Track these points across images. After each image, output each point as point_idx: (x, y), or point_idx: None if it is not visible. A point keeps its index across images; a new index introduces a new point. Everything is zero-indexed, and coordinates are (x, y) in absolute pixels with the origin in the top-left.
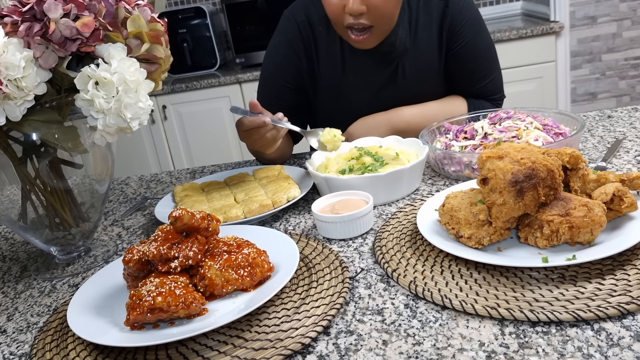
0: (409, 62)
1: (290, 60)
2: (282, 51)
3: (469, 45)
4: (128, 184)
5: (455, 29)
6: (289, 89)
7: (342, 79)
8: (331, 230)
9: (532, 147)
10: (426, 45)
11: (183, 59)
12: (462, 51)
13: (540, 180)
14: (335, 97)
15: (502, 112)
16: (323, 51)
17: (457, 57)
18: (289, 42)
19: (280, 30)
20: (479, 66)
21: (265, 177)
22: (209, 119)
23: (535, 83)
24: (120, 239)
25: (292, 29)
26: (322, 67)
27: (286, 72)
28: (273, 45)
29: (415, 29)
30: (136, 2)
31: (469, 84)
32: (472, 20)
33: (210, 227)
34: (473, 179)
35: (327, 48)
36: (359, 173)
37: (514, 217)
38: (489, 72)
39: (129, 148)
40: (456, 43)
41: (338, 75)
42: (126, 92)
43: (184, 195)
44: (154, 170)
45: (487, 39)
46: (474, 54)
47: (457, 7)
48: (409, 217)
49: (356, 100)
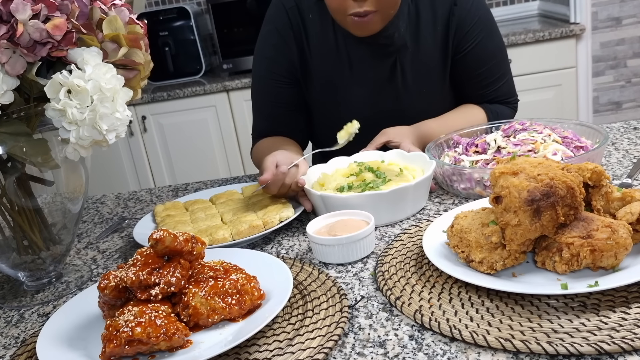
0: (408, 59)
1: (281, 50)
2: (272, 41)
3: (479, 48)
4: (104, 203)
5: (464, 30)
6: (286, 83)
7: (336, 73)
8: (328, 254)
9: (550, 162)
10: (429, 44)
11: (164, 65)
12: (471, 54)
13: (559, 199)
14: (330, 93)
15: (517, 123)
16: (315, 41)
17: (465, 60)
18: (278, 31)
19: (268, 19)
20: (489, 69)
21: (256, 195)
22: (193, 130)
23: (553, 91)
24: (95, 263)
25: (280, 16)
26: (314, 59)
27: (279, 64)
28: (262, 37)
29: (417, 25)
30: (113, 2)
31: (480, 88)
32: (483, 20)
33: (194, 251)
34: (485, 197)
35: (319, 38)
36: (358, 191)
37: (530, 239)
38: (501, 76)
39: (105, 163)
40: (465, 45)
41: (331, 68)
42: (102, 101)
43: (166, 215)
44: (133, 187)
45: (498, 41)
46: (485, 56)
47: (466, 7)
48: (414, 240)
49: (352, 98)
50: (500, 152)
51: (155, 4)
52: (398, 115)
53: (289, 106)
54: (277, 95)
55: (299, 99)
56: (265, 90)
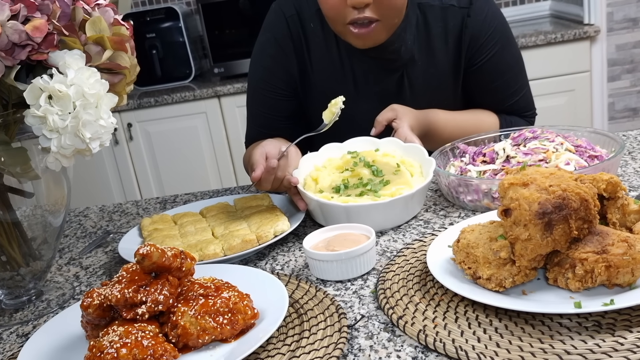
0: (416, 74)
1: (280, 62)
2: (270, 51)
3: (495, 60)
4: (87, 216)
5: (479, 41)
6: (283, 95)
7: (339, 87)
8: (326, 270)
9: (563, 173)
10: (439, 57)
11: (152, 69)
12: (486, 66)
13: (572, 212)
14: None
15: (528, 131)
16: (317, 53)
17: (480, 73)
18: (277, 41)
19: (266, 27)
20: (506, 82)
21: (249, 207)
22: (183, 139)
23: (566, 97)
24: (78, 280)
25: (279, 25)
26: (315, 72)
27: (277, 76)
28: (259, 45)
29: (426, 37)
30: (96, 2)
31: (495, 101)
32: (499, 31)
33: (183, 267)
34: (493, 209)
35: (321, 50)
36: (355, 191)
37: (541, 254)
38: (518, 89)
39: (88, 174)
40: (479, 57)
41: (334, 83)
42: (85, 107)
43: (153, 229)
44: (118, 199)
45: (515, 52)
46: (500, 69)
47: (480, 17)
48: (417, 255)
49: (356, 114)
50: (509, 162)
51: (142, 4)
52: None
53: (285, 118)
54: (272, 106)
55: (296, 111)
56: (261, 101)
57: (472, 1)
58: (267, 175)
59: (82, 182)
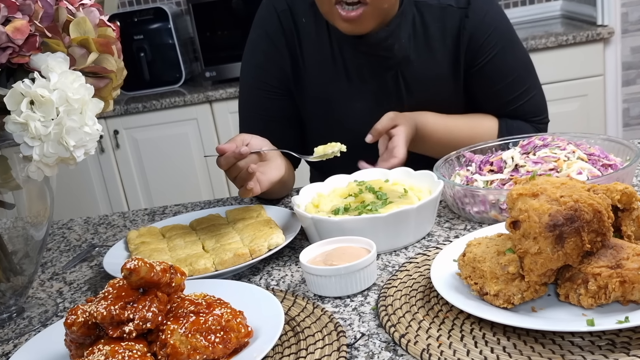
0: (412, 74)
1: (272, 58)
2: (262, 47)
3: (496, 62)
4: (71, 229)
5: (478, 43)
6: (276, 95)
7: (332, 86)
8: (324, 286)
9: (575, 183)
10: (437, 58)
11: (139, 73)
12: (487, 68)
13: (584, 224)
14: (325, 107)
15: (537, 138)
16: (309, 50)
17: (481, 75)
18: (268, 36)
19: (257, 22)
20: (509, 85)
21: (242, 219)
22: (172, 146)
23: (578, 102)
24: (62, 296)
25: (271, 20)
26: (308, 69)
27: (269, 73)
28: (251, 42)
29: (423, 37)
30: (81, 1)
31: (499, 105)
32: (500, 31)
33: (173, 282)
34: (501, 221)
35: (314, 46)
36: (355, 213)
37: (551, 269)
38: (523, 92)
39: (72, 184)
40: (479, 59)
41: (327, 81)
42: (69, 113)
43: (140, 242)
44: (104, 211)
45: (520, 54)
46: (502, 71)
47: (479, 17)
48: (420, 270)
49: (350, 113)
50: (518, 171)
51: (129, 4)
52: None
53: (279, 120)
54: (266, 107)
55: (290, 112)
56: (253, 101)
57: (471, 1)
58: (231, 155)
59: (66, 192)
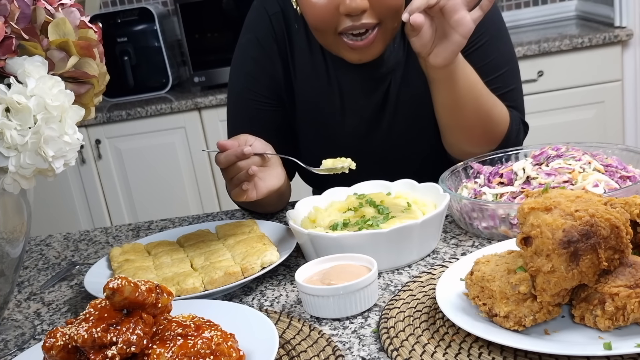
0: (401, 81)
1: (263, 65)
2: (251, 54)
3: (481, 53)
4: (50, 245)
5: None
6: (267, 105)
7: (324, 101)
8: (322, 307)
9: (591, 196)
10: None
11: (123, 78)
12: (471, 59)
13: (601, 240)
14: (315, 120)
15: (551, 148)
16: (300, 59)
17: None
18: (259, 41)
19: (247, 27)
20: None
21: (233, 235)
22: (158, 157)
23: (594, 110)
24: (40, 318)
25: (262, 24)
26: (298, 81)
27: (260, 82)
28: (240, 48)
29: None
30: (60, 1)
31: None
32: (488, 20)
33: (159, 303)
34: (512, 238)
35: (305, 56)
36: (355, 229)
37: (566, 289)
38: (505, 96)
39: (51, 197)
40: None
41: (319, 92)
42: (47, 121)
43: (124, 259)
44: (85, 226)
45: (507, 49)
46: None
47: None
48: (425, 290)
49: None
50: (529, 184)
51: (112, 4)
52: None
53: (271, 132)
54: (256, 118)
55: (283, 123)
56: (243, 112)
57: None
58: (233, 153)
59: (44, 206)
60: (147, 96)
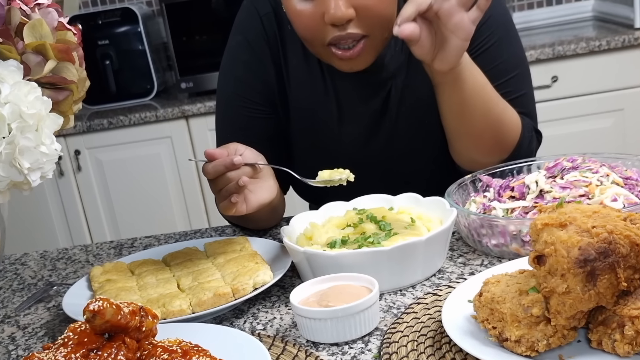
0: (403, 87)
1: (254, 69)
2: (242, 57)
3: (489, 55)
4: (25, 264)
5: None
6: (259, 112)
7: (320, 108)
8: (319, 331)
9: (609, 211)
10: None
11: (105, 84)
12: (478, 61)
13: (620, 259)
14: (310, 128)
15: (566, 159)
16: (294, 62)
17: None
18: (249, 44)
19: (237, 28)
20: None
21: (223, 253)
22: (142, 169)
23: (613, 118)
24: (14, 342)
25: (252, 24)
26: (292, 86)
27: (251, 88)
28: (229, 51)
29: None
30: (36, 1)
31: None
32: (497, 20)
33: (143, 326)
34: (524, 256)
35: (299, 60)
36: (354, 247)
37: (582, 311)
38: (515, 102)
39: (27, 212)
40: (471, 49)
41: (314, 98)
42: (22, 131)
43: (105, 280)
44: (63, 243)
45: (517, 51)
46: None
47: None
48: (430, 312)
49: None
50: (543, 198)
51: (93, 4)
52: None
53: (262, 141)
54: (247, 126)
55: (275, 131)
56: (233, 119)
57: None
58: (222, 163)
59: (20, 222)
60: (130, 103)
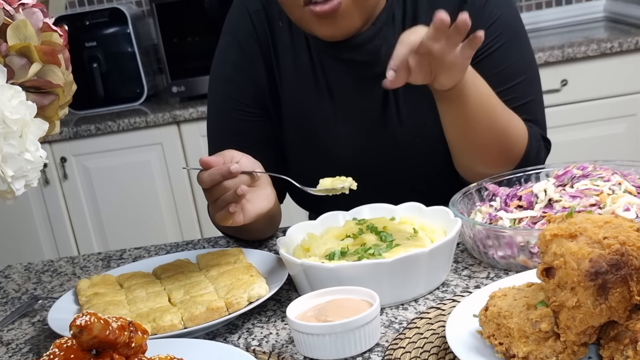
0: None
1: (244, 70)
2: (232, 57)
3: (497, 58)
4: (9, 277)
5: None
6: (252, 114)
7: (313, 105)
8: (317, 347)
9: (621, 221)
10: None
11: (92, 87)
12: (484, 64)
13: (632, 271)
14: (304, 130)
15: (576, 167)
16: (285, 60)
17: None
18: (239, 44)
19: (227, 27)
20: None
21: (216, 266)
22: (132, 177)
23: (625, 123)
24: None
25: (242, 24)
26: (284, 85)
27: (242, 89)
28: (220, 51)
29: None
30: (20, 1)
31: None
32: (505, 21)
33: (133, 342)
34: (532, 268)
35: (290, 56)
36: (354, 259)
37: (593, 326)
38: (523, 108)
39: (11, 222)
40: (478, 51)
41: (307, 99)
42: (6, 137)
43: (93, 293)
44: (48, 255)
45: (527, 54)
46: (505, 70)
47: (480, 2)
48: (434, 327)
49: (335, 139)
50: (552, 207)
51: (80, 4)
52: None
53: (257, 146)
54: (240, 130)
55: (270, 136)
56: (225, 123)
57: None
58: (217, 172)
59: (3, 233)
60: (119, 108)
